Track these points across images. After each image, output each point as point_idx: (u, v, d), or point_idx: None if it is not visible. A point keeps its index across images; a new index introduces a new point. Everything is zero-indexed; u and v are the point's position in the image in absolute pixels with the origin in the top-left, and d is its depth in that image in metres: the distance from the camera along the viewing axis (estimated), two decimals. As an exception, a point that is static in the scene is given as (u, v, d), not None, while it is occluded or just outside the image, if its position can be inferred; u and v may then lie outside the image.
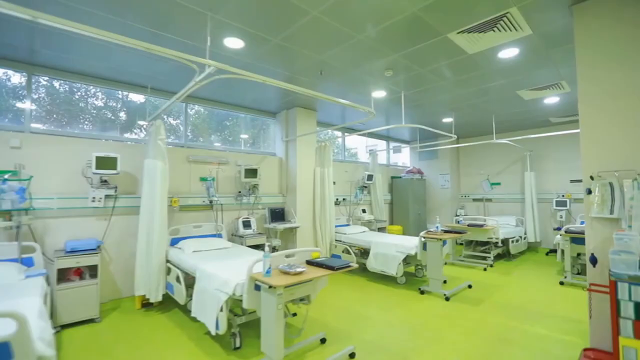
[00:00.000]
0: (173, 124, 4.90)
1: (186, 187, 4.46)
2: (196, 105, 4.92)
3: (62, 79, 3.81)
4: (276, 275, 2.33)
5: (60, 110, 3.84)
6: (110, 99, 4.22)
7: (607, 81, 2.36)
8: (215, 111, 5.26)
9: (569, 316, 3.39)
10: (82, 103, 4.00)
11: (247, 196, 5.02)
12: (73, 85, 3.92)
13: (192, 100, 4.80)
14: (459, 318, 3.37)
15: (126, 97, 4.31)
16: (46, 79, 3.75)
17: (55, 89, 3.84)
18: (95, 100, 4.11)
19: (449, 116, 5.98)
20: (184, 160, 4.47)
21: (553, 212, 6.78)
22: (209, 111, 5.20)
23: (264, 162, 5.39)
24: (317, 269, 2.56)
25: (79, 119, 3.97)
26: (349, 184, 6.61)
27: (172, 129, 4.73)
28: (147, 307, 3.68)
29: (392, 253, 4.45)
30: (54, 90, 3.83)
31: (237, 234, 4.65)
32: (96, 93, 4.11)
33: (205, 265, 3.01)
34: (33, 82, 3.64)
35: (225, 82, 4.19)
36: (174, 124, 4.92)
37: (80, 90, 3.99)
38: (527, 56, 3.44)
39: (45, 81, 3.75)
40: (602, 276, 2.30)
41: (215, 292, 2.63)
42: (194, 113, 5.08)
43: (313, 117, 5.62)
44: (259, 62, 3.55)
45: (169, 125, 4.84)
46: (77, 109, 3.96)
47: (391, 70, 3.77)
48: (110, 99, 4.22)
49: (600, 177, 2.32)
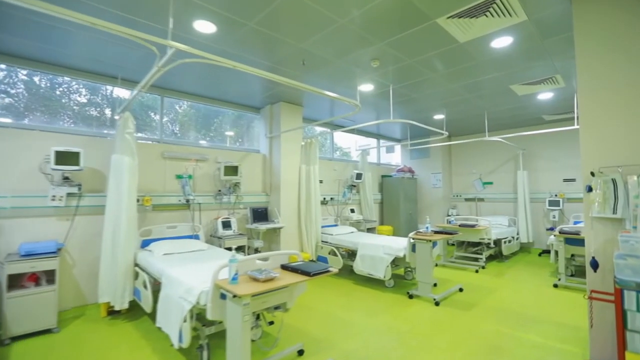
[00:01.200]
0: (163, 121, 4.64)
1: (161, 185, 4.17)
2: (180, 100, 4.64)
3: (18, 67, 3.49)
4: (244, 283, 2.08)
5: (18, 102, 3.53)
6: (78, 90, 3.91)
7: (609, 71, 2.16)
8: (202, 110, 5.02)
9: (565, 322, 3.20)
10: (45, 94, 3.70)
11: (227, 195, 4.74)
12: (33, 74, 3.61)
13: (170, 94, 4.51)
14: (448, 324, 3.15)
15: (104, 90, 4.02)
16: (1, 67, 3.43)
17: (11, 77, 3.52)
18: (59, 91, 3.80)
19: (440, 113, 5.78)
20: (159, 157, 4.18)
21: (546, 212, 6.63)
22: (196, 109, 4.95)
23: (247, 160, 5.12)
24: (291, 275, 2.31)
25: (42, 111, 3.66)
26: (337, 183, 6.37)
27: (159, 126, 4.47)
28: (114, 315, 3.39)
29: (380, 255, 4.23)
30: (9, 79, 3.51)
31: (216, 235, 4.37)
32: (61, 83, 3.80)
33: (172, 270, 2.74)
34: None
35: (203, 73, 3.92)
36: (164, 121, 4.66)
37: (42, 79, 3.68)
38: (522, 46, 3.24)
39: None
40: (603, 282, 2.10)
41: (179, 300, 2.36)
42: (181, 110, 4.84)
43: (299, 112, 5.36)
44: (235, 50, 3.29)
45: (155, 122, 4.58)
46: (38, 101, 3.64)
47: (378, 60, 3.53)
48: (77, 90, 3.91)
49: (602, 173, 2.11)
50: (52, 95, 3.74)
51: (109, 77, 3.94)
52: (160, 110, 4.48)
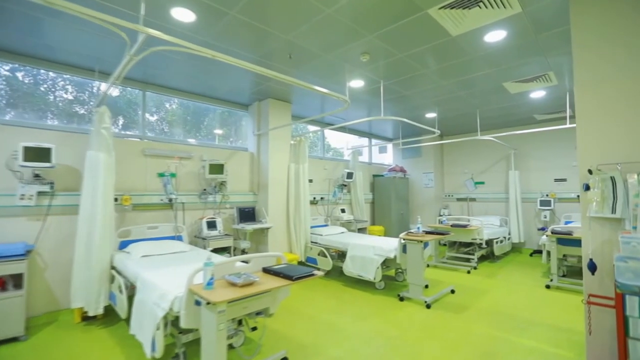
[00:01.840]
0: (151, 120, 4.49)
1: (141, 184, 3.98)
2: (164, 96, 4.45)
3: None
4: (221, 288, 1.93)
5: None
6: (53, 83, 3.71)
7: (607, 64, 2.06)
8: (192, 108, 4.87)
9: (559, 325, 3.11)
10: (21, 87, 3.48)
11: (213, 194, 4.57)
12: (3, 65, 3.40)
13: (153, 89, 4.32)
14: (440, 328, 3.04)
15: (90, 85, 3.81)
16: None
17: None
18: (33, 84, 3.59)
19: (432, 111, 5.69)
20: (140, 154, 3.99)
21: (537, 211, 6.58)
22: (184, 107, 4.79)
23: (234, 158, 4.95)
24: (273, 279, 2.16)
25: (14, 105, 3.44)
26: (327, 182, 6.23)
27: (140, 122, 4.30)
28: (89, 321, 3.20)
29: (370, 256, 4.10)
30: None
31: (200, 235, 4.20)
32: (35, 75, 3.59)
33: (147, 273, 2.57)
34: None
35: (188, 67, 3.75)
36: (154, 119, 4.50)
37: (16, 71, 3.47)
38: (515, 41, 3.14)
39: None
40: (601, 285, 1.99)
41: (153, 306, 2.19)
42: (170, 108, 4.69)
43: (287, 109, 5.21)
44: (218, 42, 3.13)
45: (153, 124, 4.44)
46: (12, 94, 3.43)
47: (367, 54, 3.40)
48: (54, 84, 3.71)
49: (600, 170, 2.01)
50: (22, 87, 3.53)
51: (86, 69, 3.74)
52: (143, 106, 4.28)
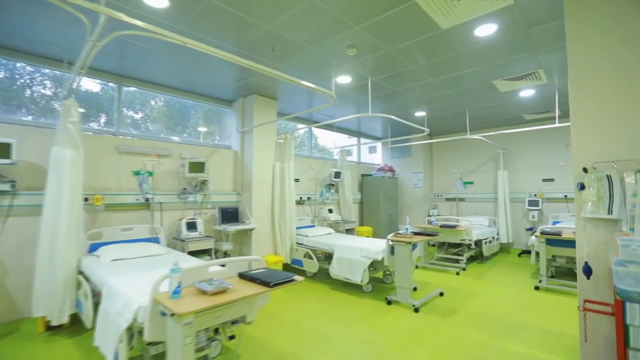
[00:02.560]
0: (136, 117, 4.29)
1: (115, 183, 3.75)
2: (142, 90, 4.21)
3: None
4: (189, 296, 1.75)
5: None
6: (19, 74, 3.45)
7: (602, 57, 1.95)
8: (177, 105, 4.69)
9: (549, 328, 3.02)
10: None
11: (193, 194, 4.36)
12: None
13: (130, 82, 4.08)
14: (428, 333, 2.91)
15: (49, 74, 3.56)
16: None
17: None
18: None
19: (421, 109, 5.59)
20: (113, 151, 3.76)
21: (525, 212, 6.56)
22: (168, 105, 4.60)
23: (216, 156, 4.75)
24: (249, 285, 1.99)
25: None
26: (314, 182, 6.07)
27: (116, 117, 4.09)
28: (53, 331, 2.96)
29: (357, 258, 3.96)
30: None
31: (179, 237, 3.99)
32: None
33: (114, 280, 2.37)
34: None
35: (167, 60, 3.54)
36: (137, 117, 4.31)
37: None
38: (506, 35, 3.04)
39: None
40: (596, 290, 1.89)
41: (116, 316, 2.00)
42: (156, 105, 4.50)
43: (273, 106, 5.03)
44: (195, 31, 2.94)
45: (130, 119, 4.21)
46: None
47: (354, 47, 3.26)
48: (18, 75, 3.45)
49: (596, 169, 1.90)
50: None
51: (53, 60, 3.49)
52: (118, 100, 4.04)
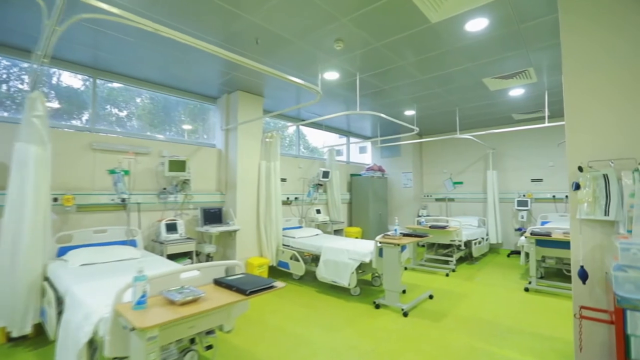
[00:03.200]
0: (115, 114, 4.10)
1: (89, 182, 3.53)
2: (117, 83, 4.00)
3: None
4: (156, 306, 1.58)
5: None
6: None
7: (598, 50, 1.86)
8: (162, 102, 4.51)
9: (540, 332, 2.94)
10: None
11: (174, 194, 4.16)
12: None
13: (106, 76, 3.86)
14: (417, 339, 2.80)
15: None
16: None
17: None
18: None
19: (411, 108, 5.50)
20: (87, 148, 3.54)
21: (514, 212, 6.55)
22: (154, 102, 4.42)
23: (199, 154, 4.55)
24: (224, 293, 1.84)
25: None
26: (302, 181, 5.92)
27: (111, 119, 3.93)
28: (16, 342, 2.74)
29: (344, 260, 3.83)
30: None
31: (158, 239, 3.79)
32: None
33: (79, 287, 2.18)
34: None
35: (145, 52, 3.34)
36: (116, 114, 4.12)
37: None
38: (497, 30, 2.95)
39: None
40: (592, 295, 1.80)
41: (77, 329, 1.81)
42: (140, 102, 4.33)
43: (259, 103, 4.86)
44: (174, 22, 2.76)
45: (115, 117, 4.02)
46: None
47: (342, 42, 3.13)
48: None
49: (592, 168, 1.81)
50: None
51: (22, 50, 3.27)
52: (92, 94, 3.82)
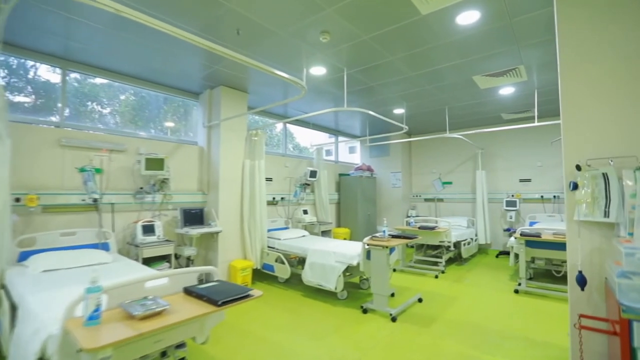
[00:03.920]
0: (104, 112, 3.91)
1: (56, 181, 3.29)
2: (103, 79, 3.75)
3: None
4: (112, 322, 1.40)
5: None
6: None
7: (597, 41, 1.75)
8: (147, 98, 4.31)
9: (533, 337, 2.84)
10: None
11: (152, 194, 3.93)
12: None
13: (79, 68, 3.61)
14: (406, 346, 2.67)
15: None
16: None
17: None
18: None
19: (400, 107, 5.39)
20: (55, 144, 3.30)
21: (503, 212, 6.51)
22: (139, 98, 4.22)
23: (179, 152, 4.34)
24: (194, 303, 1.66)
25: None
26: (288, 181, 5.75)
27: (101, 118, 3.75)
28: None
29: (331, 263, 3.68)
30: None
31: (134, 242, 3.57)
32: None
33: (34, 297, 1.96)
34: None
35: (115, 41, 3.11)
36: (105, 112, 3.93)
37: None
38: (489, 24, 2.84)
39: None
40: (589, 302, 1.69)
41: (25, 346, 1.61)
42: (124, 99, 4.13)
43: (243, 99, 4.67)
44: (147, 8, 2.56)
45: (98, 114, 3.82)
46: None
47: (328, 34, 2.97)
48: None
49: (590, 166, 1.70)
50: None
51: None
52: (62, 87, 3.57)
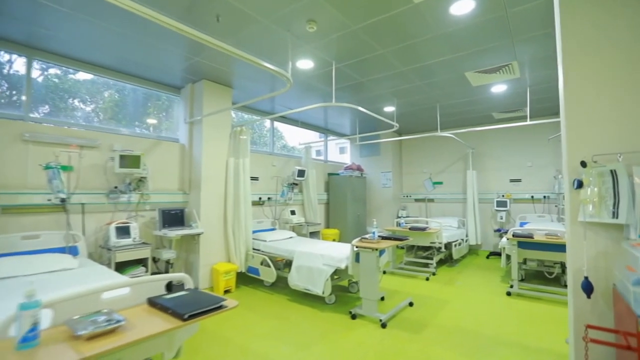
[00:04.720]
0: (85, 108, 3.68)
1: (18, 179, 3.02)
2: (76, 69, 3.48)
3: None
4: (52, 343, 1.18)
5: None
6: None
7: (603, 26, 1.62)
8: (131, 94, 4.09)
9: (527, 343, 2.72)
10: None
11: (127, 193, 3.68)
12: None
13: (46, 57, 3.35)
14: (396, 355, 2.50)
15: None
16: None
17: None
18: None
19: (390, 104, 5.24)
20: (17, 139, 3.03)
21: (493, 213, 6.44)
22: (121, 95, 4.00)
23: (158, 149, 4.09)
24: (157, 317, 1.45)
25: None
26: (275, 180, 5.55)
27: (85, 115, 3.52)
28: None
29: (318, 266, 3.50)
30: None
31: (107, 245, 3.32)
32: None
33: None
34: None
35: (84, 27, 2.86)
36: (86, 108, 3.69)
37: None
38: (484, 15, 2.70)
39: None
40: (594, 310, 1.55)
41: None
42: (108, 96, 3.92)
43: (227, 94, 4.45)
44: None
45: (73, 107, 3.60)
46: None
47: (314, 22, 2.79)
48: None
49: (596, 162, 1.56)
50: None
51: None
52: (27, 78, 3.30)
